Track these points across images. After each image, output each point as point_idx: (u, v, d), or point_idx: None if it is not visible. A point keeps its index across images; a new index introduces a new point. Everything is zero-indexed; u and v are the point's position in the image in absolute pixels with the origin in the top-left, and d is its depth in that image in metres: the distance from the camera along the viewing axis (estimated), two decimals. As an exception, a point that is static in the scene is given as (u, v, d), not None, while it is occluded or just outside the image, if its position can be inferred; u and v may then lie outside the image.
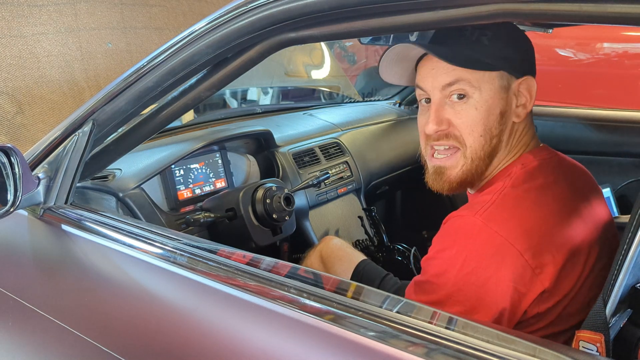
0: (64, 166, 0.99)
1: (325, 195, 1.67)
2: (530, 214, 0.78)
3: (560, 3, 0.60)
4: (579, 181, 0.91)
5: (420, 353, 0.55)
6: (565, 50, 3.06)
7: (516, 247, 0.74)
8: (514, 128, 0.86)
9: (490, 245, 0.75)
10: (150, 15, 2.02)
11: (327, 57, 2.76)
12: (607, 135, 1.78)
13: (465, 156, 0.85)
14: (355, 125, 1.99)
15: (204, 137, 1.48)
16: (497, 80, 0.83)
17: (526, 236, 0.75)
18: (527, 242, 0.75)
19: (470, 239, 0.77)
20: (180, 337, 0.73)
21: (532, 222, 0.77)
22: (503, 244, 0.74)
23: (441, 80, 0.83)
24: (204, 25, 0.86)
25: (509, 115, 0.85)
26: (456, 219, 0.81)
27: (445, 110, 0.84)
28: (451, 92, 0.83)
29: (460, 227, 0.79)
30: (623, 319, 0.72)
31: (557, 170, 0.88)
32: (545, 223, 0.78)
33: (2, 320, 0.99)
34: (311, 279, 0.69)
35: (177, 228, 1.28)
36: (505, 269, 0.74)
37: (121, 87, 0.95)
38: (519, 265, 0.74)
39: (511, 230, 0.75)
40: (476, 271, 0.75)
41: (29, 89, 1.70)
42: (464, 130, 0.83)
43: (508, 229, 0.75)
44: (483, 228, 0.76)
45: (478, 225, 0.76)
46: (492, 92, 0.83)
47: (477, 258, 0.75)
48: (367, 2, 0.72)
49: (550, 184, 0.83)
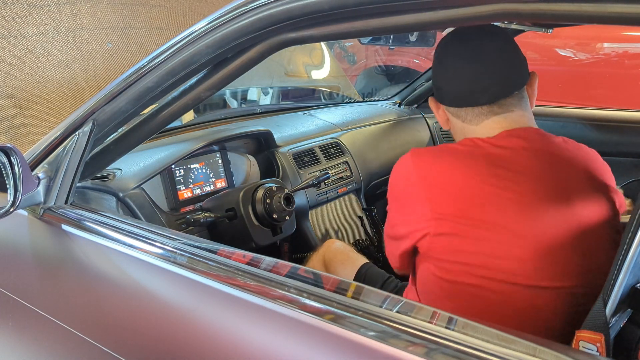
0: (64, 166, 0.99)
1: (325, 195, 1.67)
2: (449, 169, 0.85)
3: (560, 3, 0.60)
4: (561, 171, 0.87)
5: (420, 353, 0.55)
6: (565, 50, 3.06)
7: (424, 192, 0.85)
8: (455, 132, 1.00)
9: (406, 180, 0.88)
10: (150, 15, 2.02)
11: (327, 57, 2.77)
12: (607, 135, 1.78)
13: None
14: (355, 125, 1.99)
15: (204, 137, 1.48)
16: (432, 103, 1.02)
17: (432, 186, 0.85)
18: (431, 191, 0.85)
19: (396, 169, 0.93)
20: (180, 337, 0.73)
21: (446, 177, 0.85)
22: (415, 184, 0.86)
23: None
24: (204, 25, 0.86)
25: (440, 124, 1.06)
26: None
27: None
28: None
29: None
30: (623, 319, 0.72)
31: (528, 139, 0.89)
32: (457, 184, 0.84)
33: (2, 320, 1.00)
34: (311, 279, 0.69)
35: (177, 228, 1.28)
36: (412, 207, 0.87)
37: (121, 87, 0.95)
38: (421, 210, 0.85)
39: (427, 175, 0.86)
40: (399, 197, 0.93)
41: (29, 89, 1.70)
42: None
43: (425, 171, 0.86)
44: (406, 161, 0.90)
45: (405, 159, 0.90)
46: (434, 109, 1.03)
47: (397, 188, 0.93)
48: (367, 2, 0.72)
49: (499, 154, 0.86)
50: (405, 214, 0.90)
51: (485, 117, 0.92)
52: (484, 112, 0.92)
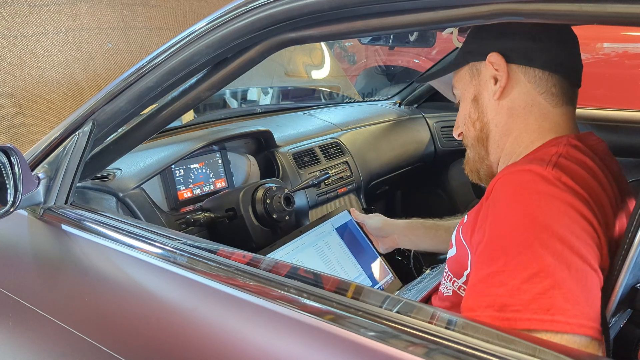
0: (64, 166, 0.99)
1: (325, 195, 1.67)
2: (589, 181, 0.71)
3: (560, 3, 0.60)
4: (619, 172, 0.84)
5: (420, 353, 0.55)
6: (565, 50, 3.06)
7: (584, 208, 0.67)
8: (513, 108, 0.84)
9: (574, 197, 0.67)
10: (150, 15, 2.02)
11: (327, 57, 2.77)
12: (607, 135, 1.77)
13: (467, 145, 0.94)
14: (355, 125, 1.99)
15: (204, 137, 1.48)
16: (467, 73, 0.90)
17: (588, 202, 0.68)
18: (590, 207, 0.68)
19: (554, 189, 0.68)
20: (180, 337, 0.73)
21: (592, 190, 0.70)
22: (574, 201, 0.67)
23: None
24: (204, 25, 0.86)
25: (484, 98, 0.88)
26: (519, 173, 0.71)
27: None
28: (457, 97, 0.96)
29: (526, 180, 0.70)
30: (623, 319, 0.72)
31: (606, 155, 0.83)
32: (601, 194, 0.72)
33: (2, 320, 1.00)
34: (311, 279, 0.69)
35: (177, 228, 1.28)
36: (581, 224, 0.66)
37: (121, 87, 0.95)
38: (588, 227, 0.67)
39: (578, 191, 0.68)
40: (573, 217, 0.66)
41: (29, 89, 1.70)
42: (460, 123, 0.94)
43: (581, 186, 0.69)
44: (553, 181, 0.68)
45: (548, 178, 0.68)
46: (464, 84, 0.91)
47: (556, 208, 0.66)
48: (367, 2, 0.72)
49: (597, 165, 0.77)
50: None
51: (564, 102, 0.84)
52: (567, 94, 0.84)
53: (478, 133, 0.89)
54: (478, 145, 0.91)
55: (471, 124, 0.90)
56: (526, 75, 0.83)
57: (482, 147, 0.90)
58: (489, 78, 0.86)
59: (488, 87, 0.86)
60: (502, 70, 0.84)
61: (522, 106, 0.84)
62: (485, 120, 0.88)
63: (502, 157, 0.89)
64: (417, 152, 2.09)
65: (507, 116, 0.85)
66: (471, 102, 0.90)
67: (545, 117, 0.84)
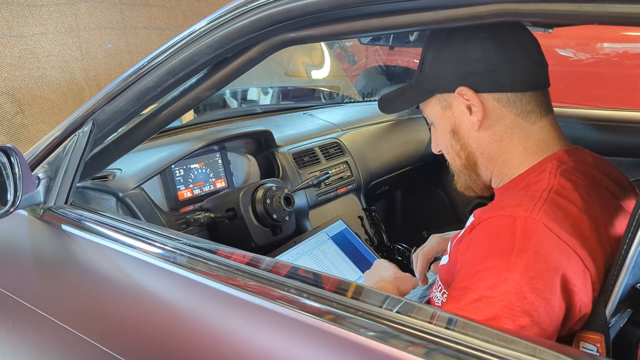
0: (64, 166, 0.99)
1: (325, 195, 1.67)
2: (581, 216, 0.72)
3: (560, 3, 0.60)
4: (618, 176, 0.87)
5: (420, 353, 0.55)
6: (565, 50, 3.06)
7: (578, 253, 0.69)
8: (495, 134, 0.84)
9: (554, 247, 0.68)
10: (150, 15, 2.02)
11: (327, 57, 2.76)
12: (607, 135, 1.77)
13: (455, 172, 0.93)
14: (355, 125, 1.99)
15: (204, 137, 1.48)
16: (436, 104, 0.88)
17: (583, 242, 0.70)
18: (584, 248, 0.69)
19: (529, 239, 0.68)
20: (180, 337, 0.73)
21: (586, 226, 0.72)
22: (565, 248, 0.68)
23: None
24: (204, 25, 0.86)
25: (463, 129, 0.86)
26: (502, 219, 0.72)
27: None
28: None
29: (512, 227, 0.70)
30: (623, 319, 0.72)
31: (598, 166, 0.84)
32: (595, 225, 0.73)
33: (2, 320, 0.99)
34: (311, 279, 0.69)
35: (177, 228, 1.28)
36: (571, 272, 0.68)
37: (121, 87, 0.95)
38: (580, 271, 0.69)
39: (569, 233, 0.69)
40: (543, 274, 0.66)
41: (29, 89, 1.70)
42: (440, 146, 0.93)
43: (567, 231, 0.69)
44: (541, 227, 0.69)
45: (535, 225, 0.69)
46: (436, 114, 0.89)
47: (543, 260, 0.67)
48: (367, 2, 0.72)
49: (594, 182, 0.80)
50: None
51: (542, 115, 0.83)
52: (542, 105, 0.83)
53: (464, 162, 0.89)
54: (467, 172, 0.90)
55: (455, 154, 0.89)
56: (499, 101, 0.82)
57: (472, 172, 0.89)
58: (463, 109, 0.84)
59: (464, 119, 0.85)
60: (475, 103, 0.82)
61: (503, 131, 0.83)
62: (470, 149, 0.87)
63: (493, 178, 0.88)
64: (417, 152, 2.09)
65: (490, 143, 0.85)
66: (450, 133, 0.88)
67: (528, 137, 0.83)
